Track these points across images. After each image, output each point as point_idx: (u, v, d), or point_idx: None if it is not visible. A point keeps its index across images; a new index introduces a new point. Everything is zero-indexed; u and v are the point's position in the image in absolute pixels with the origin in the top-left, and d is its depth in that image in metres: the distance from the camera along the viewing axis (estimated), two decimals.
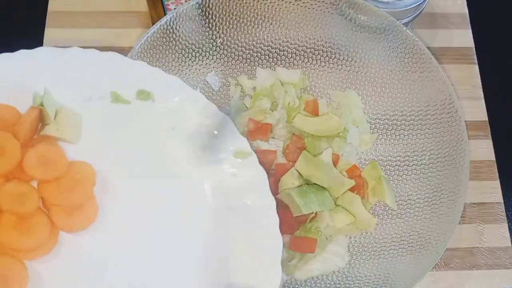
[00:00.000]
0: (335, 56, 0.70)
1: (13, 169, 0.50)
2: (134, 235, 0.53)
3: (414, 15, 0.68)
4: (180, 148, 0.56)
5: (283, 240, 0.54)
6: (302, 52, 0.70)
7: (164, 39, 0.64)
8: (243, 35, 0.69)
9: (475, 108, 0.76)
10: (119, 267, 0.51)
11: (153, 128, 0.56)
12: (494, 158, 0.73)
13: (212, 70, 0.70)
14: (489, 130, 0.74)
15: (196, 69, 0.68)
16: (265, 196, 0.55)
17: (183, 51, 0.66)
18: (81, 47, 0.56)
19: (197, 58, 0.68)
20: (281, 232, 0.54)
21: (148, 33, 0.62)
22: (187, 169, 0.56)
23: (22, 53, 0.54)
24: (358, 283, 0.61)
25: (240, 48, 0.69)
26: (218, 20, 0.67)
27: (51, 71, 0.54)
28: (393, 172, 0.67)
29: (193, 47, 0.67)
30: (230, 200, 0.55)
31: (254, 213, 0.55)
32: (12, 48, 0.55)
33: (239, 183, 0.56)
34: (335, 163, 0.66)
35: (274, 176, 0.65)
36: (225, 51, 0.69)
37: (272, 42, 0.70)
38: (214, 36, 0.68)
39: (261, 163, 0.56)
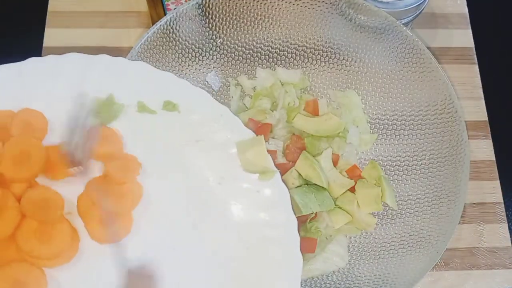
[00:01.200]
0: (335, 56, 0.70)
1: (38, 173, 0.50)
2: (158, 250, 0.52)
3: (414, 15, 0.68)
4: (204, 162, 0.56)
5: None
6: (302, 52, 0.70)
7: (164, 39, 0.64)
8: (243, 35, 0.69)
9: (475, 108, 0.76)
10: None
11: (178, 140, 0.56)
12: (494, 158, 0.73)
13: (212, 70, 0.70)
14: (489, 130, 0.75)
15: (196, 69, 0.68)
16: (287, 214, 0.55)
17: (183, 51, 0.66)
18: (81, 47, 0.56)
19: (197, 58, 0.68)
20: None
21: (148, 33, 0.62)
22: (211, 183, 0.55)
23: (51, 58, 0.55)
24: (358, 283, 0.61)
25: (240, 48, 0.70)
26: (218, 20, 0.67)
27: (79, 78, 0.54)
28: (393, 172, 0.67)
29: (193, 47, 0.67)
30: (251, 216, 0.55)
31: (275, 230, 0.54)
32: (12, 48, 0.55)
33: (261, 200, 0.55)
34: (335, 163, 0.66)
35: None
36: (225, 51, 0.69)
37: (272, 42, 0.70)
38: (214, 36, 0.68)
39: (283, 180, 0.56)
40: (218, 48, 0.69)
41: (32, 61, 0.54)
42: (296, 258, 0.53)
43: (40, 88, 0.54)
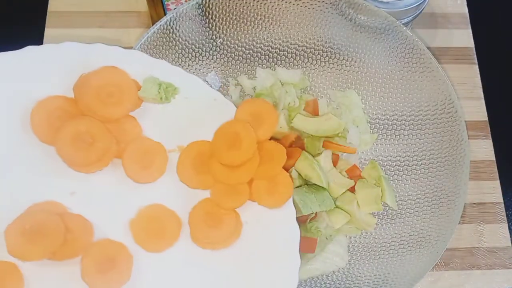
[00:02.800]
0: (335, 56, 0.70)
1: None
2: None
3: (414, 15, 0.68)
4: None
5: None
6: (302, 52, 0.70)
7: (164, 39, 0.64)
8: (243, 35, 0.69)
9: (475, 108, 0.76)
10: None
11: (174, 124, 0.56)
12: (494, 158, 0.73)
13: (212, 70, 0.70)
14: (489, 130, 0.75)
15: (196, 69, 0.68)
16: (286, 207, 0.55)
17: (183, 51, 0.66)
18: None
19: (197, 58, 0.68)
20: None
21: (148, 33, 0.62)
22: None
23: (48, 46, 0.55)
24: (358, 283, 0.61)
25: (240, 48, 0.70)
26: (218, 20, 0.67)
27: (76, 65, 0.55)
28: (393, 172, 0.67)
29: (193, 47, 0.67)
30: (249, 212, 0.55)
31: (275, 222, 0.55)
32: (12, 48, 0.55)
33: None
34: (335, 163, 0.66)
35: None
36: (225, 51, 0.69)
37: (272, 42, 0.70)
38: (214, 36, 0.68)
39: None
40: (218, 48, 0.69)
41: (29, 49, 0.55)
42: (294, 229, 0.54)
43: (38, 75, 0.55)
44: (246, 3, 0.66)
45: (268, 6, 0.67)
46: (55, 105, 0.54)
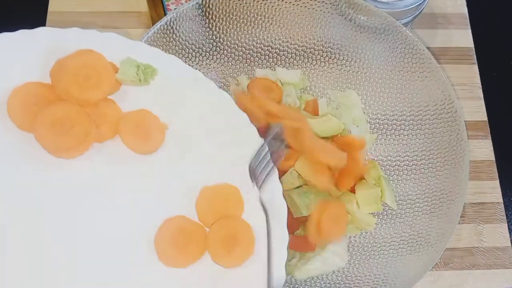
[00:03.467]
0: (335, 56, 0.70)
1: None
2: None
3: (414, 15, 0.68)
4: (180, 124, 0.56)
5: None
6: (302, 52, 0.70)
7: (164, 39, 0.64)
8: (243, 35, 0.69)
9: (475, 108, 0.76)
10: None
11: (152, 106, 0.55)
12: (493, 158, 0.73)
13: (212, 70, 0.70)
14: (489, 130, 0.75)
15: (196, 69, 0.68)
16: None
17: (183, 51, 0.67)
18: None
19: (197, 58, 0.68)
20: None
21: (148, 33, 0.62)
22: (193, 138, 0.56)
23: (22, 32, 0.54)
24: (357, 282, 0.61)
25: (240, 48, 0.70)
26: (218, 20, 0.67)
27: (52, 50, 0.54)
28: (393, 172, 0.67)
29: (193, 47, 0.67)
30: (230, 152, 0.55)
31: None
32: None
33: (232, 136, 0.56)
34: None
35: None
36: (225, 51, 0.69)
37: (272, 42, 0.70)
38: (214, 36, 0.68)
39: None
40: (218, 48, 0.69)
41: (2, 36, 0.54)
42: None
43: (13, 62, 0.54)
44: (246, 3, 0.66)
45: (268, 6, 0.67)
46: (32, 91, 0.53)
